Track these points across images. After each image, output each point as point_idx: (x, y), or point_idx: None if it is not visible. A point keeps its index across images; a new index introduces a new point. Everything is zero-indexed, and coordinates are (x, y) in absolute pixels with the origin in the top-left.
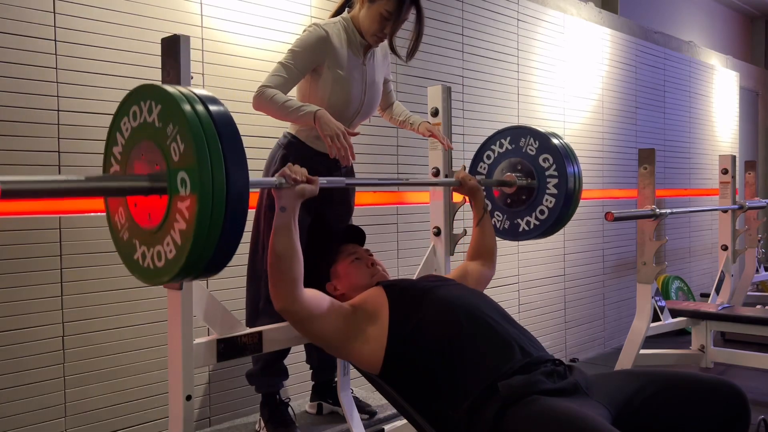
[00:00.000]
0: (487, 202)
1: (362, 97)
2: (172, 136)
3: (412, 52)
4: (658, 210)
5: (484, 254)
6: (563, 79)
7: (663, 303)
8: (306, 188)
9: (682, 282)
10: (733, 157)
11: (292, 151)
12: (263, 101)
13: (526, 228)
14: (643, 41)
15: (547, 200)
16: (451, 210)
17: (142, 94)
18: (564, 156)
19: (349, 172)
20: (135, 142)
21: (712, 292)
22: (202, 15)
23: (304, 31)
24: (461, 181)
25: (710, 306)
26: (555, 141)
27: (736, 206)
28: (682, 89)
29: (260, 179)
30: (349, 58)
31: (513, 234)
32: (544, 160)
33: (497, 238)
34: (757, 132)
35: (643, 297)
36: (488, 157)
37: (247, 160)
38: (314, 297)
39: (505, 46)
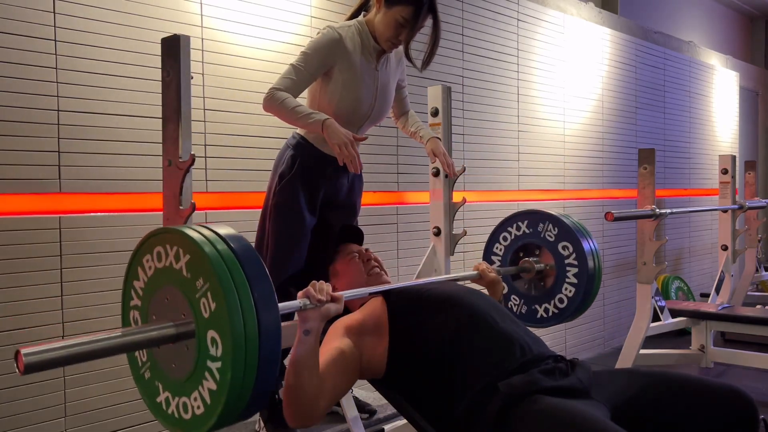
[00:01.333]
0: (504, 285)
1: (372, 102)
2: (202, 291)
3: (427, 61)
4: (658, 210)
5: None
6: (563, 79)
7: (663, 303)
8: (331, 308)
9: (682, 282)
10: (733, 157)
11: (300, 152)
12: (273, 104)
13: (545, 315)
14: (643, 41)
15: (566, 289)
16: (451, 210)
17: (167, 239)
18: (580, 236)
19: (358, 176)
20: (159, 284)
21: (712, 292)
22: (202, 15)
23: (318, 33)
24: (481, 274)
25: (710, 306)
26: (568, 222)
27: (736, 206)
28: (682, 89)
29: (284, 305)
30: (361, 63)
31: (531, 320)
32: (564, 248)
33: None
34: (757, 132)
35: (643, 297)
36: (504, 238)
37: (251, 160)
38: (328, 390)
39: (505, 46)
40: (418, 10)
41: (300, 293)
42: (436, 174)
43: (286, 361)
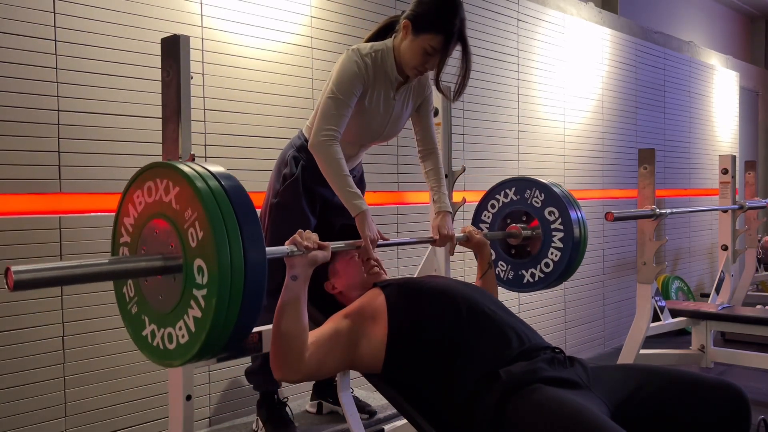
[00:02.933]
0: (492, 252)
1: (382, 130)
2: (190, 221)
3: (459, 91)
4: (658, 210)
5: None
6: (563, 79)
7: (663, 303)
8: (318, 255)
9: (682, 282)
10: (733, 157)
11: (304, 153)
12: (327, 157)
13: (531, 280)
14: (643, 41)
15: (552, 253)
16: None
17: (158, 172)
18: (567, 204)
19: (360, 180)
20: (149, 218)
21: (712, 292)
22: (202, 15)
23: (345, 56)
24: (468, 236)
25: (710, 306)
26: (556, 190)
27: (736, 206)
28: (682, 89)
29: (272, 249)
30: (380, 93)
31: (517, 285)
32: (550, 213)
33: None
34: (757, 132)
35: (643, 297)
36: (492, 206)
37: (250, 160)
38: (316, 351)
39: (505, 46)
40: (448, 40)
41: (287, 241)
42: None
43: None
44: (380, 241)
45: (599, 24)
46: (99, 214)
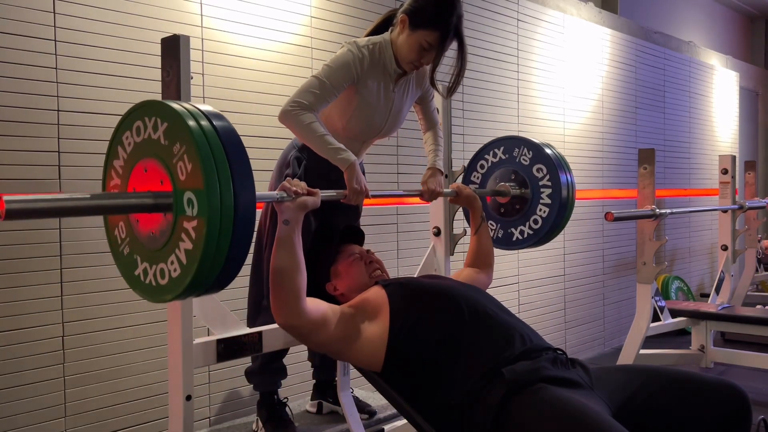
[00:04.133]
0: (480, 203)
1: (383, 124)
2: (178, 155)
3: (453, 88)
4: (658, 210)
5: (482, 262)
6: (563, 79)
7: (663, 303)
8: (308, 201)
9: (682, 282)
10: (733, 157)
11: (305, 153)
12: (297, 123)
13: (520, 237)
14: (643, 41)
15: (540, 210)
16: (450, 210)
17: (146, 109)
18: (557, 165)
19: None
20: (138, 157)
21: (712, 292)
22: (202, 15)
23: (342, 47)
24: (457, 191)
25: (710, 306)
26: (548, 151)
27: (736, 206)
28: (682, 89)
29: (262, 194)
30: (379, 85)
31: (507, 243)
32: (538, 170)
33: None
34: (757, 132)
35: (643, 297)
36: (482, 166)
37: (250, 160)
38: (316, 308)
39: (505, 46)
40: (444, 36)
41: (278, 188)
42: None
43: (286, 361)
44: (369, 193)
45: (599, 24)
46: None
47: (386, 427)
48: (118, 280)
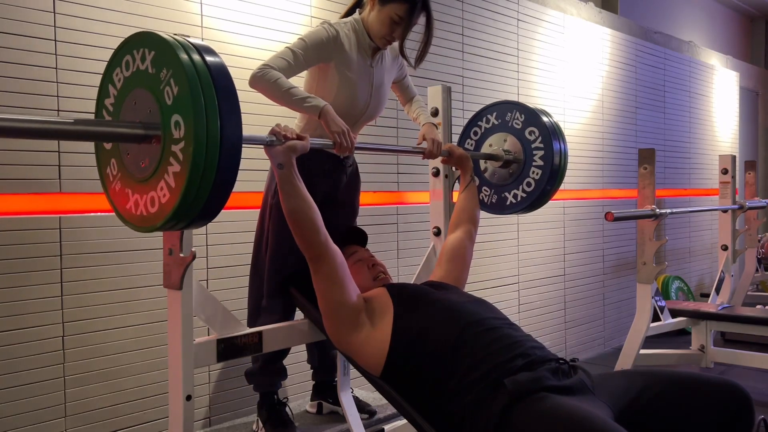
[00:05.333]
0: (476, 178)
1: (368, 99)
2: (165, 81)
3: (420, 58)
4: (658, 210)
5: (466, 220)
6: (563, 79)
7: (663, 303)
8: (297, 144)
9: (682, 282)
10: (733, 157)
11: None
12: (265, 81)
13: (513, 201)
14: (643, 41)
15: (533, 172)
16: (451, 210)
17: (135, 42)
18: (551, 132)
19: (354, 172)
20: (128, 91)
21: (712, 292)
22: (202, 15)
23: (316, 27)
24: (449, 151)
25: (710, 306)
26: (543, 118)
27: (736, 206)
28: (682, 89)
29: (253, 135)
30: (357, 61)
31: (500, 207)
32: (530, 132)
33: (484, 213)
34: (757, 132)
35: (643, 297)
36: (475, 133)
37: (250, 160)
38: (342, 262)
39: (505, 46)
40: (412, 8)
41: (268, 132)
42: (436, 174)
43: (286, 362)
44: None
45: (599, 24)
46: (99, 214)
47: (386, 427)
48: (118, 280)
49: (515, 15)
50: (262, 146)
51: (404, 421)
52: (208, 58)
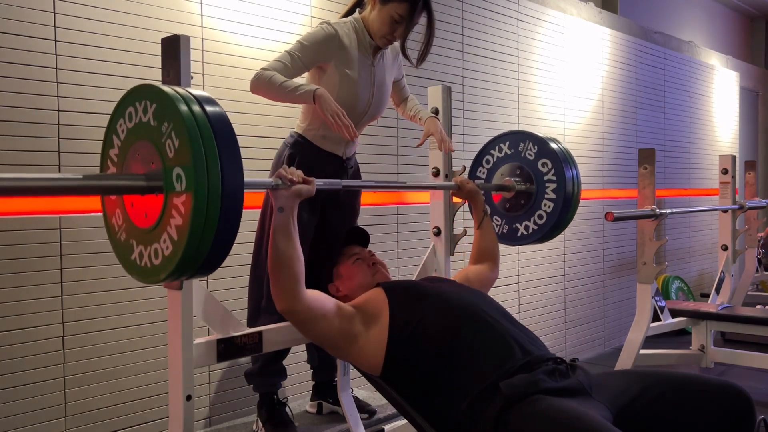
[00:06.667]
0: (486, 206)
1: (370, 98)
2: (167, 134)
3: (422, 57)
4: (658, 210)
5: (487, 257)
6: (563, 79)
7: (663, 303)
8: (302, 189)
9: (682, 282)
10: (733, 157)
11: (298, 150)
12: (261, 83)
13: (525, 233)
14: (643, 41)
15: (545, 205)
16: (451, 210)
17: (137, 94)
18: (563, 160)
19: (356, 173)
20: (131, 143)
21: (712, 292)
22: (202, 15)
23: (315, 27)
24: (460, 185)
25: (710, 306)
26: (553, 145)
27: (736, 206)
28: (682, 89)
29: (256, 180)
30: (358, 59)
31: (512, 238)
32: (543, 164)
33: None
34: (757, 132)
35: (643, 297)
36: (487, 161)
37: (250, 160)
38: (317, 298)
39: (505, 46)
40: (413, 7)
41: (274, 175)
42: (436, 174)
43: (286, 362)
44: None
45: (599, 24)
46: (99, 214)
47: (386, 427)
48: (118, 280)
49: (515, 15)
50: (261, 147)
51: (404, 421)
52: (209, 108)
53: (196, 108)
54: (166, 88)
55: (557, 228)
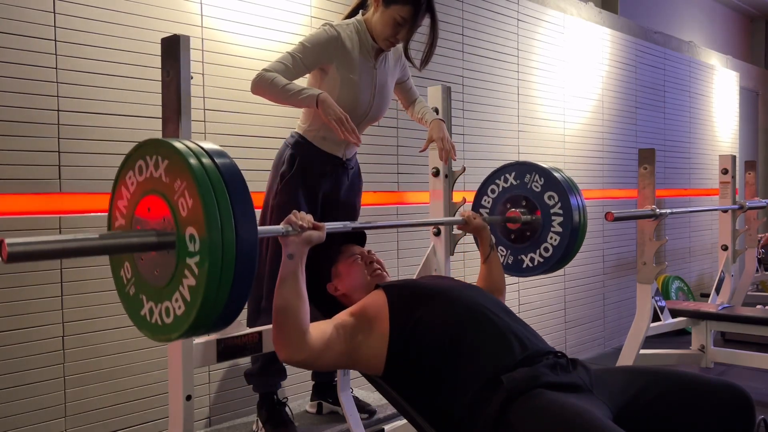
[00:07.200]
0: (492, 238)
1: (371, 100)
2: (179, 192)
3: (426, 60)
4: (658, 210)
5: (493, 290)
6: (563, 79)
7: (663, 303)
8: (313, 235)
9: (682, 282)
10: (733, 157)
11: (299, 151)
12: (263, 84)
13: (531, 264)
14: (643, 41)
15: (552, 238)
16: (451, 210)
17: (148, 148)
18: (567, 190)
19: (356, 174)
20: (141, 196)
21: (712, 292)
22: (202, 15)
23: (318, 29)
24: (466, 220)
25: (710, 306)
26: (557, 175)
27: (736, 206)
28: (682, 89)
29: (267, 228)
30: (359, 62)
31: (517, 270)
32: (550, 197)
33: None
34: (757, 132)
35: (643, 297)
36: (492, 191)
37: (250, 160)
38: (319, 335)
39: (505, 46)
40: (417, 10)
41: (283, 221)
42: (436, 174)
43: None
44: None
45: (599, 24)
46: (99, 214)
47: (386, 427)
48: None
49: (515, 15)
50: (261, 147)
51: (404, 421)
52: (220, 162)
53: (209, 164)
54: (178, 145)
55: (563, 260)
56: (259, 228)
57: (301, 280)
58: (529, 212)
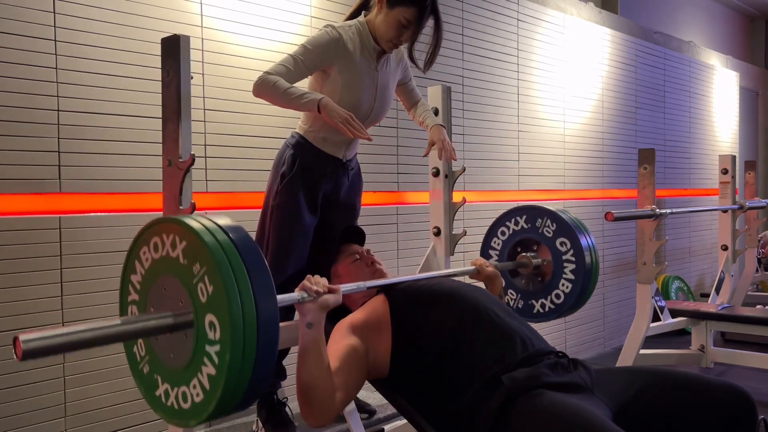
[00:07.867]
0: (503, 282)
1: (372, 102)
2: (199, 276)
3: (429, 62)
4: (658, 210)
5: None
6: (563, 79)
7: (663, 303)
8: (329, 299)
9: (682, 282)
10: (733, 157)
11: (300, 151)
12: (265, 88)
13: (541, 311)
14: (643, 41)
15: (563, 285)
16: (451, 210)
17: (165, 227)
18: (575, 229)
19: (357, 174)
20: (157, 275)
21: (712, 292)
22: (202, 15)
23: (319, 30)
24: (478, 269)
25: (710, 306)
26: (563, 216)
27: (736, 206)
28: (682, 89)
29: (283, 297)
30: (361, 64)
31: (527, 314)
32: (562, 244)
33: None
34: (757, 132)
35: (643, 297)
36: (502, 233)
37: (250, 160)
38: (343, 384)
39: (505, 46)
40: (421, 12)
41: (297, 287)
42: (436, 174)
43: (286, 361)
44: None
45: (599, 24)
46: (99, 214)
47: (386, 427)
48: (118, 280)
49: (515, 15)
50: (262, 147)
51: (404, 421)
52: (239, 242)
53: (228, 245)
54: (196, 225)
55: (575, 307)
56: (278, 297)
57: (324, 352)
58: (540, 257)
